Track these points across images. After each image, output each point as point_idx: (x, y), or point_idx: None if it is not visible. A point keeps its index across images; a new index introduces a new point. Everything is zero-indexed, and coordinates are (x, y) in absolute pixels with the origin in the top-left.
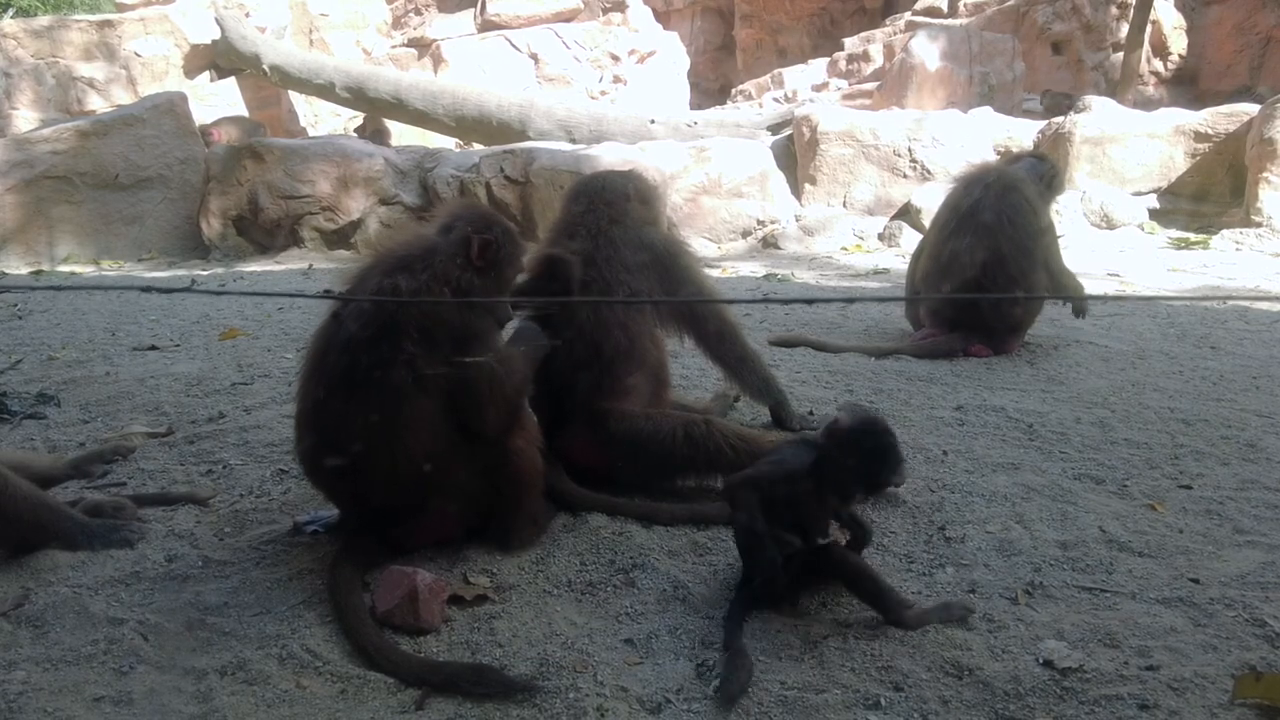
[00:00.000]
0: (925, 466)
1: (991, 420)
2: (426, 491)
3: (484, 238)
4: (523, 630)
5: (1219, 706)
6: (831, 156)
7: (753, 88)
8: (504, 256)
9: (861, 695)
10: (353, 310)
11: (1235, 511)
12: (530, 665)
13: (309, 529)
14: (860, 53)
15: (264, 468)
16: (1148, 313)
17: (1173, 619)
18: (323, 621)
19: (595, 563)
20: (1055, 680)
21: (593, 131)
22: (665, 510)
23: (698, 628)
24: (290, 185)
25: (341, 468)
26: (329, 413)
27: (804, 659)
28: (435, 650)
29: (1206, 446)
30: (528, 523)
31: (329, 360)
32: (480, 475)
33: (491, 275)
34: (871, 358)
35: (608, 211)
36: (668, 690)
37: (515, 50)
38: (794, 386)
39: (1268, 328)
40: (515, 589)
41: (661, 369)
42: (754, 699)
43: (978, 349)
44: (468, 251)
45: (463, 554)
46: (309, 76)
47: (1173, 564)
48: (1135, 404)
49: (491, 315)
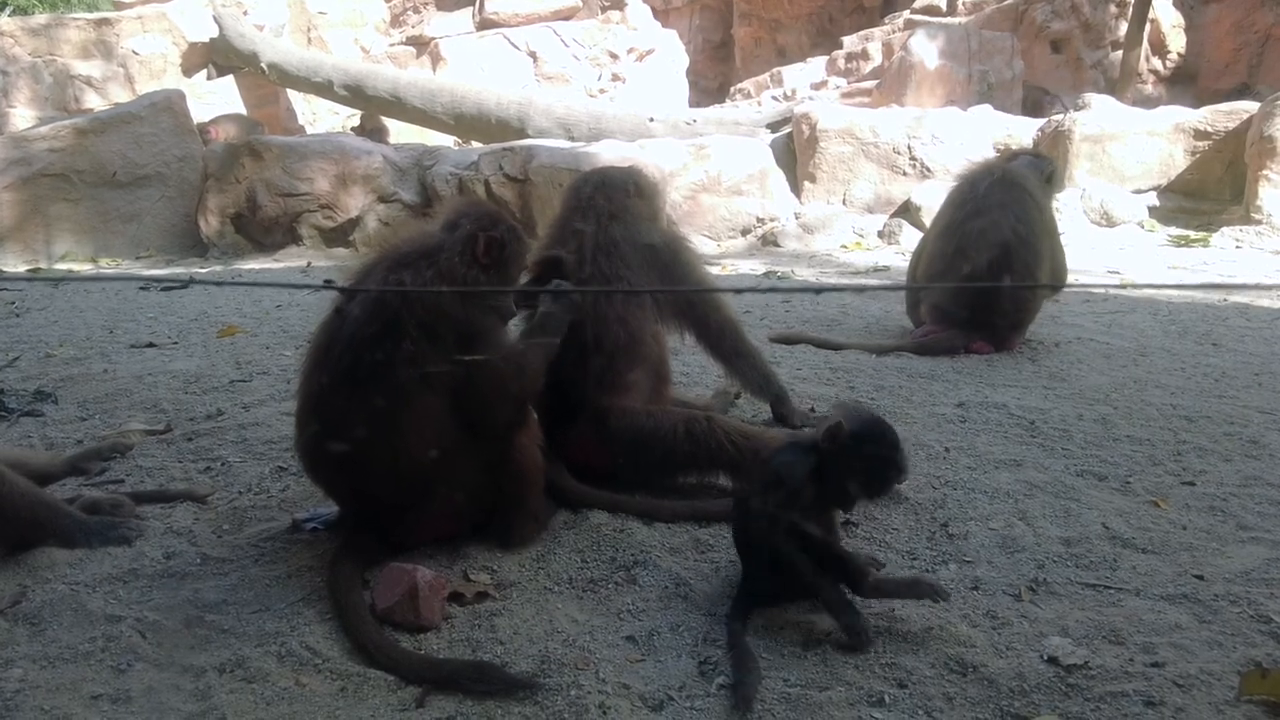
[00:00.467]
0: (927, 463)
1: (993, 417)
2: (427, 488)
3: (490, 235)
4: (524, 627)
5: (1225, 703)
6: (831, 154)
7: (751, 86)
8: (510, 255)
9: (865, 693)
10: (357, 305)
11: (1239, 508)
12: (531, 662)
13: (308, 526)
14: (859, 51)
15: (263, 465)
16: (1149, 309)
17: (1177, 615)
18: (322, 619)
19: (596, 560)
20: (1060, 677)
21: (592, 129)
22: (666, 507)
23: (699, 625)
24: (288, 183)
25: (342, 464)
26: (331, 408)
27: (807, 656)
28: (436, 647)
29: (1209, 443)
30: (529, 520)
31: (332, 355)
32: (482, 472)
33: (497, 273)
34: (873, 355)
35: (608, 207)
36: (670, 688)
37: (514, 48)
38: (795, 383)
39: (1269, 324)
40: (516, 586)
41: (662, 365)
42: (758, 696)
43: (979, 346)
44: (474, 249)
45: (463, 551)
46: (307, 74)
47: (1176, 560)
48: (1137, 401)
49: (496, 312)
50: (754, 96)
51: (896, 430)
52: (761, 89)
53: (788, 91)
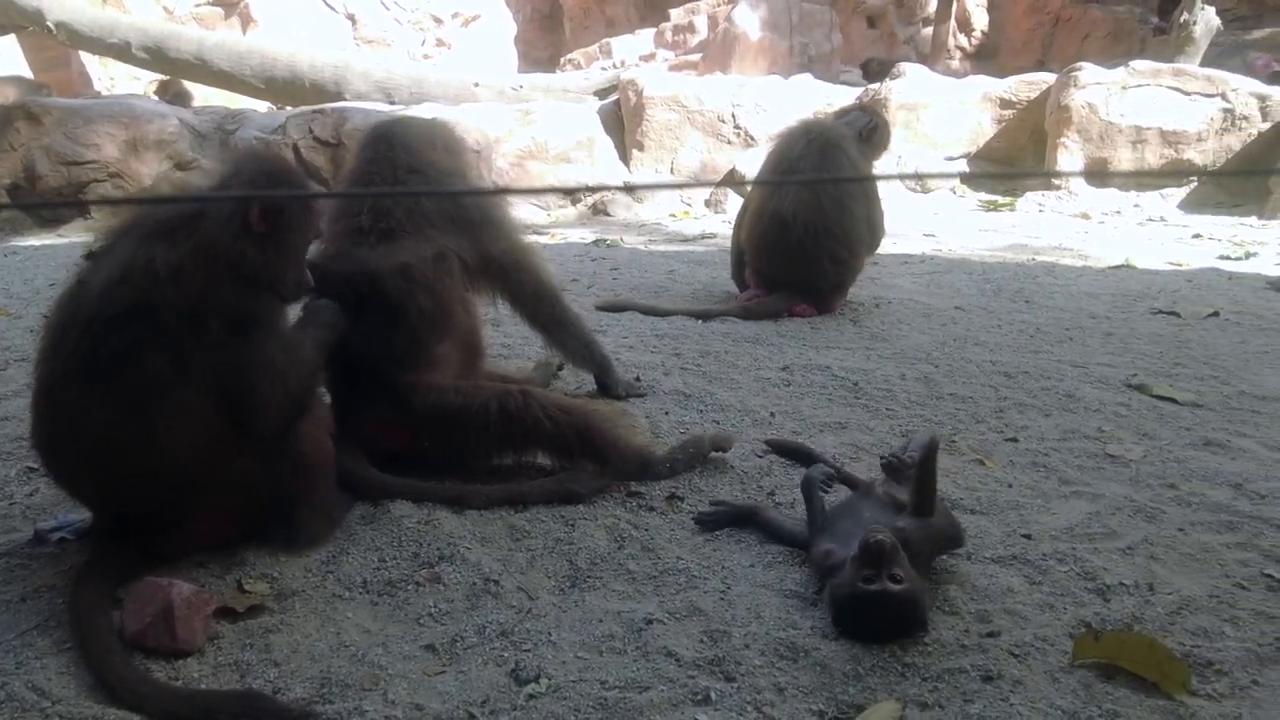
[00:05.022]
0: (753, 429)
1: (817, 379)
2: (192, 490)
3: (267, 201)
4: (305, 644)
5: (1060, 670)
6: (658, 122)
7: (581, 57)
8: (291, 223)
9: (689, 690)
10: (100, 280)
11: (1060, 463)
12: (310, 686)
13: (54, 536)
14: (686, 24)
15: (8, 466)
16: (964, 269)
17: (1009, 579)
18: (59, 649)
19: (396, 558)
20: (895, 657)
21: (413, 94)
22: (479, 493)
23: (510, 623)
24: (72, 149)
25: (85, 464)
26: (66, 400)
27: (626, 651)
28: (197, 675)
29: (1028, 398)
30: (318, 517)
31: (69, 338)
32: (259, 466)
33: (274, 246)
34: (698, 320)
35: (407, 160)
36: (471, 703)
37: (330, 10)
38: (621, 352)
39: (1074, 281)
40: (299, 595)
41: (473, 336)
42: (569, 703)
43: (802, 308)
44: (245, 217)
45: (241, 557)
46: (101, 35)
47: (1005, 520)
48: (958, 358)
49: (275, 292)
50: (584, 68)
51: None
52: (591, 60)
53: (617, 63)
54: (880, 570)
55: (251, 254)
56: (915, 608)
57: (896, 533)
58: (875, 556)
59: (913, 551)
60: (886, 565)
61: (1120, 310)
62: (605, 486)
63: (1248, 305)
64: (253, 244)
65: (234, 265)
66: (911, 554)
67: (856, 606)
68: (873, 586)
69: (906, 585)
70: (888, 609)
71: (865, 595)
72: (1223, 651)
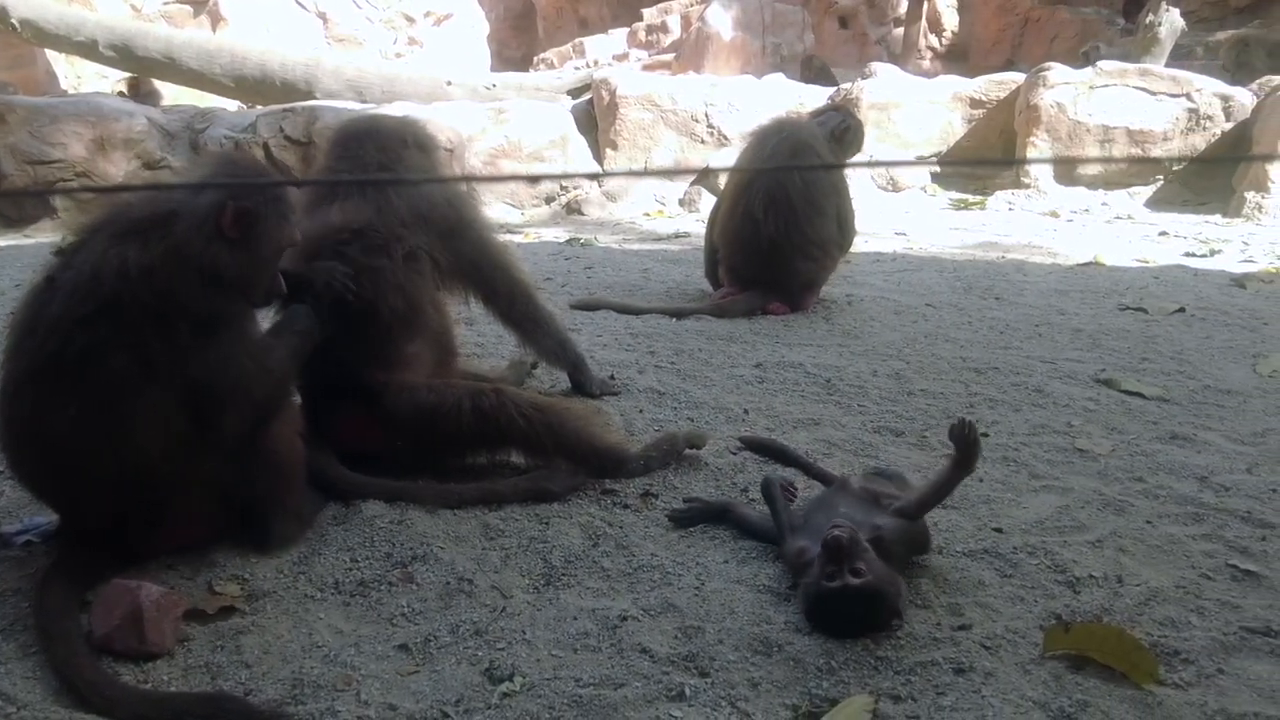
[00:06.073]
0: (727, 426)
1: (790, 376)
2: (160, 492)
3: (240, 205)
4: (276, 645)
5: (1031, 662)
6: (631, 121)
7: (554, 56)
8: (265, 229)
9: (663, 687)
10: (69, 279)
11: (1030, 457)
12: (282, 687)
13: (19, 540)
14: (659, 24)
15: None
16: (935, 267)
17: (980, 572)
18: (24, 654)
19: (369, 558)
20: (869, 651)
21: (385, 92)
22: (452, 492)
23: (484, 622)
24: (37, 149)
25: (51, 466)
26: (33, 400)
27: (601, 648)
28: (167, 678)
29: (998, 394)
30: (289, 518)
31: (36, 337)
32: (229, 466)
33: (248, 250)
34: (672, 318)
35: (379, 158)
36: (445, 702)
37: (301, 8)
38: (595, 350)
39: (1043, 278)
40: (270, 596)
41: (445, 335)
42: (544, 701)
43: (775, 307)
44: (218, 220)
45: (211, 559)
46: (67, 33)
47: (976, 514)
48: (929, 355)
49: (245, 298)
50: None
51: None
52: (564, 60)
53: (590, 62)
54: (842, 565)
55: (224, 258)
56: (880, 599)
57: (874, 530)
58: (835, 552)
59: (885, 551)
60: (848, 560)
61: (1089, 307)
62: (580, 484)
63: (1213, 301)
64: (226, 248)
65: (206, 268)
66: (884, 553)
67: (823, 604)
68: (834, 583)
69: (868, 579)
70: (852, 603)
71: (829, 592)
72: (1189, 641)
